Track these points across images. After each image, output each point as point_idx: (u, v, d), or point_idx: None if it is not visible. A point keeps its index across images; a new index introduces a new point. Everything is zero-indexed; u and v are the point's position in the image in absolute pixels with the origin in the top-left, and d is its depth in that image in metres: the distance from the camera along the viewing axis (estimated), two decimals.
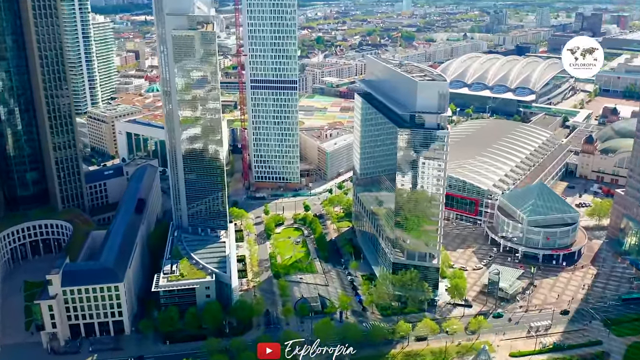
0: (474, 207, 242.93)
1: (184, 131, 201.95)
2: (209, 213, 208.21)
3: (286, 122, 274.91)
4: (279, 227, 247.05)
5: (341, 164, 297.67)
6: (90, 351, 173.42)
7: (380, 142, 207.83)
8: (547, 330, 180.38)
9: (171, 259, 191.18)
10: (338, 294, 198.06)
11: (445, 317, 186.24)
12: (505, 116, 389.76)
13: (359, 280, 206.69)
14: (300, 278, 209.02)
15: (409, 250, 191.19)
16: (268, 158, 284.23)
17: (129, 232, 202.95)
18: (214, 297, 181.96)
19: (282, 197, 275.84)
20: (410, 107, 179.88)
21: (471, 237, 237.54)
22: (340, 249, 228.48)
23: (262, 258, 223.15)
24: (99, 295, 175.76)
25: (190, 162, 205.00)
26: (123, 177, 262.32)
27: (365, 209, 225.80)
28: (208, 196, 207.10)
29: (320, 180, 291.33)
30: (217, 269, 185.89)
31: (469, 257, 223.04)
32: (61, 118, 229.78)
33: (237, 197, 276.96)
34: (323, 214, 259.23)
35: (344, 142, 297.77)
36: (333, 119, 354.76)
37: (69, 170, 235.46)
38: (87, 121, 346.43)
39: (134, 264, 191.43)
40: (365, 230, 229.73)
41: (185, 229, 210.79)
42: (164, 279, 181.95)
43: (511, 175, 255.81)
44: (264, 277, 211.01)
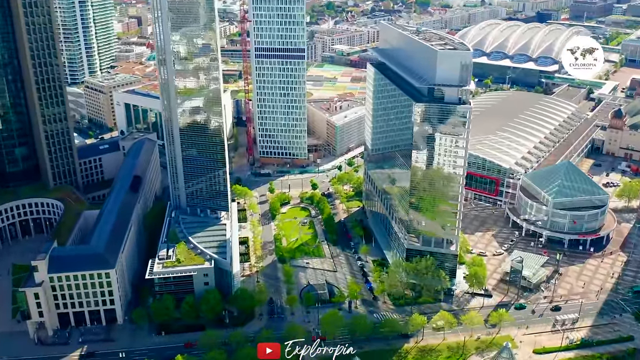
0: (494, 187, 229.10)
1: (181, 103, 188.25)
2: (209, 193, 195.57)
3: (293, 94, 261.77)
4: (285, 206, 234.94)
5: (351, 138, 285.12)
6: (80, 342, 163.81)
7: (394, 116, 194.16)
8: (574, 324, 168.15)
9: (167, 243, 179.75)
10: (347, 281, 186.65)
11: (462, 308, 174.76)
12: (526, 87, 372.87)
13: (370, 266, 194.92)
14: (306, 263, 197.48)
15: (425, 235, 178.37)
16: (274, 132, 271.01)
17: (123, 212, 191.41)
18: (213, 284, 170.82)
19: (288, 173, 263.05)
20: (429, 79, 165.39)
21: (491, 219, 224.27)
22: (350, 231, 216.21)
23: (266, 240, 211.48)
24: (88, 282, 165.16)
25: (188, 136, 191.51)
26: (119, 152, 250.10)
27: (377, 188, 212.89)
28: (208, 174, 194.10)
29: (329, 156, 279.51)
30: (217, 255, 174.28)
31: (489, 241, 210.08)
32: (51, 89, 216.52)
33: (241, 173, 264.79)
34: (331, 192, 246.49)
35: (354, 115, 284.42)
36: (343, 90, 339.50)
37: (61, 145, 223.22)
38: (84, 91, 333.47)
39: (127, 247, 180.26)
40: (376, 211, 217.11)
41: (184, 210, 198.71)
42: (159, 265, 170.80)
43: (534, 153, 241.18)
44: (267, 261, 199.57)
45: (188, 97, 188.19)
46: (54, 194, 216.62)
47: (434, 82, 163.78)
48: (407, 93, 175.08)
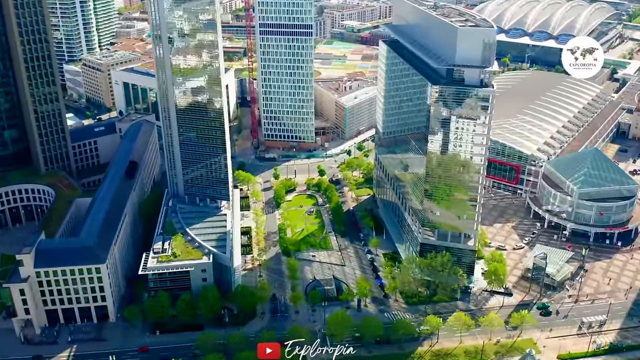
0: (515, 175, 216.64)
1: (179, 82, 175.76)
2: (209, 180, 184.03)
3: (300, 73, 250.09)
4: (290, 193, 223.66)
5: (362, 121, 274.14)
6: (69, 341, 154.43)
7: (408, 97, 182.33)
8: (602, 327, 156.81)
9: (163, 235, 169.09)
10: (356, 276, 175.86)
11: (481, 308, 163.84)
12: (546, 67, 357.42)
13: (381, 260, 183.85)
14: (312, 256, 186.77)
15: (440, 229, 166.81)
16: (279, 113, 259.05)
17: (117, 200, 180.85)
18: (212, 281, 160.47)
19: (294, 158, 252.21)
20: (448, 59, 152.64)
21: (511, 209, 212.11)
22: (359, 221, 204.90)
23: (270, 230, 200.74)
24: (77, 278, 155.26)
25: (186, 119, 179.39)
26: (116, 134, 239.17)
27: (388, 175, 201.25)
28: (207, 160, 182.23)
29: (338, 140, 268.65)
30: (216, 248, 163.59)
31: (508, 233, 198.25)
32: (41, 68, 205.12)
33: (245, 157, 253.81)
34: (340, 179, 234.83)
35: (365, 95, 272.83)
36: (353, 69, 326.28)
37: (52, 127, 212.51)
38: (82, 69, 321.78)
39: (120, 239, 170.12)
40: (388, 199, 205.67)
41: (182, 198, 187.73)
42: (154, 260, 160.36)
43: (557, 138, 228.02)
44: (271, 254, 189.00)
45: (186, 76, 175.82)
46: (45, 179, 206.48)
47: (454, 63, 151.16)
48: (423, 74, 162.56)
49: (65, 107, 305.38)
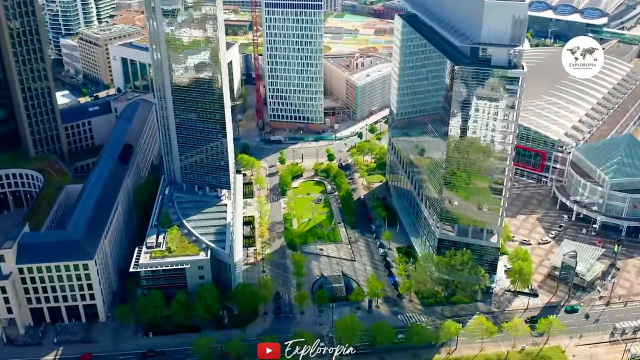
0: (540, 161, 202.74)
1: (174, 58, 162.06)
2: (208, 167, 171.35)
3: (308, 48, 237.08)
4: (297, 180, 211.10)
5: (374, 100, 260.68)
6: (55, 343, 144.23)
7: (425, 75, 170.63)
8: (637, 333, 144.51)
9: (157, 227, 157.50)
10: (367, 273, 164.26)
11: (503, 310, 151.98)
12: None
13: (394, 255, 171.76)
14: (320, 249, 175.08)
15: (461, 224, 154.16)
16: (286, 92, 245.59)
17: (109, 188, 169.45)
18: (210, 279, 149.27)
19: (301, 141, 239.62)
20: (473, 37, 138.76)
21: (535, 199, 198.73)
22: (371, 211, 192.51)
23: (275, 220, 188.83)
24: (64, 274, 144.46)
25: (183, 99, 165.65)
26: (111, 114, 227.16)
27: (403, 161, 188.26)
28: (206, 145, 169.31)
29: (348, 121, 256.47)
30: (215, 243, 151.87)
31: (533, 226, 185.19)
32: (29, 43, 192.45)
33: (249, 139, 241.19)
34: (350, 164, 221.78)
35: (378, 73, 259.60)
36: (366, 44, 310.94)
37: (42, 107, 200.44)
38: (79, 43, 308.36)
39: (112, 231, 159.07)
40: (402, 187, 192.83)
41: (179, 186, 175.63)
42: (146, 256, 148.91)
43: (586, 122, 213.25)
44: (275, 246, 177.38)
45: (182, 51, 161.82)
46: (34, 163, 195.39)
47: (479, 41, 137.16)
48: (444, 53, 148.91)
49: (61, 84, 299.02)
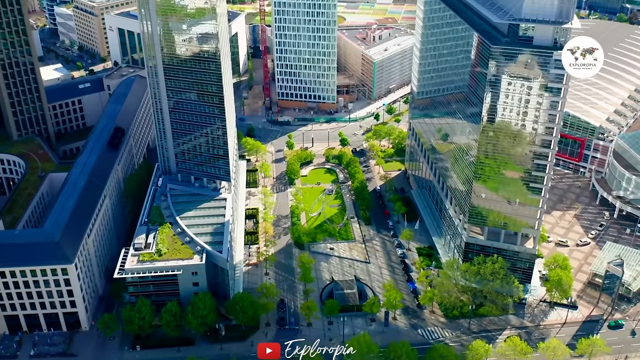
0: (578, 150, 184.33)
1: (165, 27, 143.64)
2: (205, 155, 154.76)
3: (320, 20, 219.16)
4: (306, 167, 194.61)
5: (393, 77, 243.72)
6: (31, 356, 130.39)
7: (449, 50, 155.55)
8: None
9: (147, 226, 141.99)
10: (383, 278, 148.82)
11: (538, 324, 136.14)
12: (607, 14, 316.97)
13: (413, 257, 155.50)
14: (330, 249, 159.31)
15: (491, 226, 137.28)
16: (295, 68, 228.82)
17: (96, 178, 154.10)
18: (205, 286, 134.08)
19: (311, 122, 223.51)
20: (513, 12, 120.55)
21: (572, 192, 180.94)
22: (388, 204, 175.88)
23: (281, 214, 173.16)
24: (40, 279, 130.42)
25: (176, 75, 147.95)
26: (104, 92, 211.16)
27: (424, 147, 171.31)
28: (202, 130, 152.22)
29: (364, 100, 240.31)
30: (211, 245, 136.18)
31: (570, 224, 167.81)
32: (8, 14, 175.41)
33: (255, 120, 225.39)
34: (365, 149, 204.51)
35: (397, 47, 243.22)
36: (383, 15, 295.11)
37: (25, 85, 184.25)
38: (74, 12, 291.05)
39: (97, 229, 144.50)
40: (423, 177, 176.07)
41: (174, 176, 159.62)
42: (134, 259, 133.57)
43: (630, 105, 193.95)
44: (281, 244, 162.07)
45: (175, 18, 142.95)
46: (17, 148, 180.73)
47: (520, 16, 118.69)
48: (477, 30, 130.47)
49: (55, 56, 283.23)
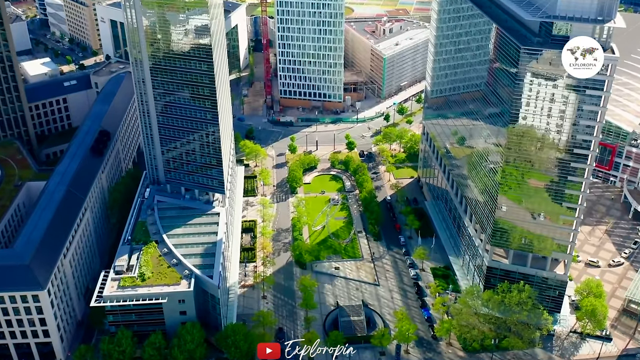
0: (608, 158, 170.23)
1: (150, 15, 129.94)
2: (195, 164, 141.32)
3: (326, 11, 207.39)
4: (309, 173, 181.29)
5: (404, 74, 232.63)
6: None
7: (466, 45, 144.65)
8: None
9: (131, 245, 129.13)
10: (394, 303, 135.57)
11: (569, 359, 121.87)
12: (632, 6, 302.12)
13: (428, 279, 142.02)
14: (335, 268, 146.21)
15: (518, 249, 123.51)
16: (299, 64, 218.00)
17: (76, 189, 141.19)
18: (193, 314, 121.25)
19: (316, 122, 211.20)
20: (546, 8, 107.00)
21: (602, 203, 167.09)
22: (399, 217, 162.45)
23: (281, 227, 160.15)
24: (9, 307, 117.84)
25: (163, 73, 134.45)
26: (92, 90, 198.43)
27: (438, 153, 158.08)
28: (192, 136, 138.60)
29: (373, 99, 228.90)
30: (201, 269, 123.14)
31: (601, 241, 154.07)
32: None
33: (255, 120, 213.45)
34: (374, 153, 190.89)
35: (409, 41, 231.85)
36: (394, 6, 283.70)
37: (2, 83, 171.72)
38: (65, 2, 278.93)
39: (76, 246, 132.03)
40: (438, 186, 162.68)
41: (163, 187, 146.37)
42: (114, 284, 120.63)
43: None
44: (280, 262, 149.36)
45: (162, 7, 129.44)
46: None
47: (555, 13, 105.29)
48: (503, 27, 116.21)
49: (44, 49, 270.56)
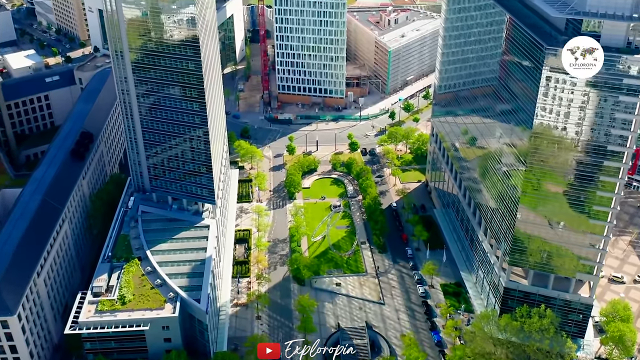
0: (632, 161, 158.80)
1: (132, 4, 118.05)
2: (183, 171, 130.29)
3: (327, 0, 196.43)
4: (309, 176, 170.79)
5: (410, 68, 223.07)
6: None
7: (483, 37, 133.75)
8: None
9: (111, 262, 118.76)
10: (401, 325, 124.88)
11: None
12: None
13: (438, 297, 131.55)
14: (336, 284, 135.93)
15: (540, 269, 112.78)
16: (299, 57, 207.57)
17: (53, 198, 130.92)
18: (179, 341, 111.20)
19: (316, 120, 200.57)
20: (575, 4, 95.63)
21: (625, 211, 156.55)
22: (406, 226, 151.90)
23: (278, 237, 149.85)
24: None
25: (145, 69, 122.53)
26: (76, 86, 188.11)
27: (448, 156, 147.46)
28: (178, 140, 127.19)
29: (377, 94, 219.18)
30: (187, 292, 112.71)
31: (625, 254, 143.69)
32: None
33: (252, 117, 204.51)
34: (378, 154, 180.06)
35: (416, 33, 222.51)
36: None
37: None
38: None
39: (51, 263, 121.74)
40: (447, 191, 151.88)
41: (148, 196, 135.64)
42: (91, 308, 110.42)
43: None
44: (277, 277, 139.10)
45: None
46: None
47: (584, 9, 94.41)
48: (524, 23, 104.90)
49: (30, 40, 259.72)
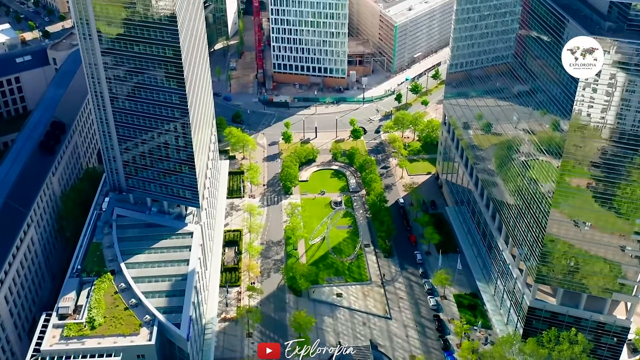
0: None
1: None
2: (162, 169, 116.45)
3: None
4: (307, 167, 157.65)
5: (418, 44, 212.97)
6: None
7: (499, 11, 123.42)
8: None
9: (80, 277, 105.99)
10: (410, 344, 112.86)
11: None
12: None
13: (451, 310, 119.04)
14: (337, 295, 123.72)
15: (571, 288, 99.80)
16: (296, 32, 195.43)
17: (16, 200, 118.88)
18: None
19: (315, 103, 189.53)
20: None
21: None
22: (414, 226, 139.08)
23: (272, 239, 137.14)
24: None
25: (117, 48, 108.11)
26: (50, 66, 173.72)
27: (460, 146, 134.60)
28: (155, 133, 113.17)
29: (382, 73, 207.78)
30: (166, 312, 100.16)
31: None
32: None
33: (244, 99, 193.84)
34: (383, 142, 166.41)
35: (424, 6, 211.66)
36: None
37: None
38: None
39: (14, 275, 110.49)
40: (461, 185, 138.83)
41: (125, 196, 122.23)
42: (56, 332, 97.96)
43: None
44: (271, 286, 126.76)
45: None
46: None
47: None
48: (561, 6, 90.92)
49: (5, 12, 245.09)
